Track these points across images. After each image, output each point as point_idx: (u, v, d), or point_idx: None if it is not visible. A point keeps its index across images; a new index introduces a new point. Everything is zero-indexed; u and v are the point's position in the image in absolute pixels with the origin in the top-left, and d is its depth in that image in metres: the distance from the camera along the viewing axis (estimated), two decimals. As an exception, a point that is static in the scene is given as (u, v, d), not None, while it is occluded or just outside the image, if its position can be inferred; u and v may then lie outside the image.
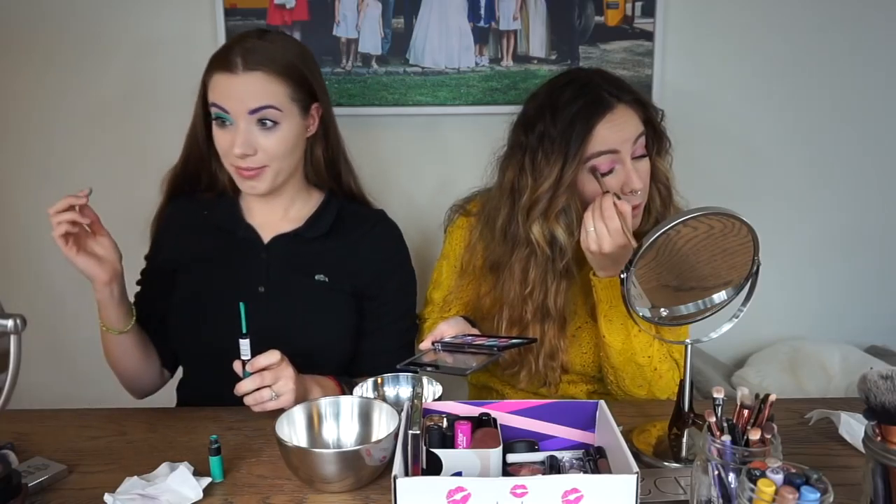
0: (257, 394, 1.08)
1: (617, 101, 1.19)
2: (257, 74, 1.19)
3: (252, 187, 1.24)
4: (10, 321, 0.73)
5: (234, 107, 1.19)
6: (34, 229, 1.92)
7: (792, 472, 0.71)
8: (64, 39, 1.82)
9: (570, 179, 1.17)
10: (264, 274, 1.29)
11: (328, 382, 1.21)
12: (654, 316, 1.08)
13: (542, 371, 1.28)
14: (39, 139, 1.88)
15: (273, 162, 1.22)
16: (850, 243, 1.98)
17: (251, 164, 1.21)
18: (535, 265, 1.23)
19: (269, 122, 1.20)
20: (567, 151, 1.17)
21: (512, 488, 0.80)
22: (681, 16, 1.81)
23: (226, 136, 1.21)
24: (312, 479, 0.96)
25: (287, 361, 1.10)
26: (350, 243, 1.32)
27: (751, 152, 1.92)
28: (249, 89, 1.19)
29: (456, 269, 1.39)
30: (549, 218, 1.20)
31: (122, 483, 0.97)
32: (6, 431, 1.12)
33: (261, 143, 1.20)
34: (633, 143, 1.19)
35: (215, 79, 1.20)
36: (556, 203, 1.19)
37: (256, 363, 1.08)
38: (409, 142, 1.89)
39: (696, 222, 1.00)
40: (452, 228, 1.41)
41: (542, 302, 1.24)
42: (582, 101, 1.18)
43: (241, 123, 1.19)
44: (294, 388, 1.09)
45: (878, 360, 1.86)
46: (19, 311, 0.78)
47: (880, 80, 1.88)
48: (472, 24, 1.80)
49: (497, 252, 1.28)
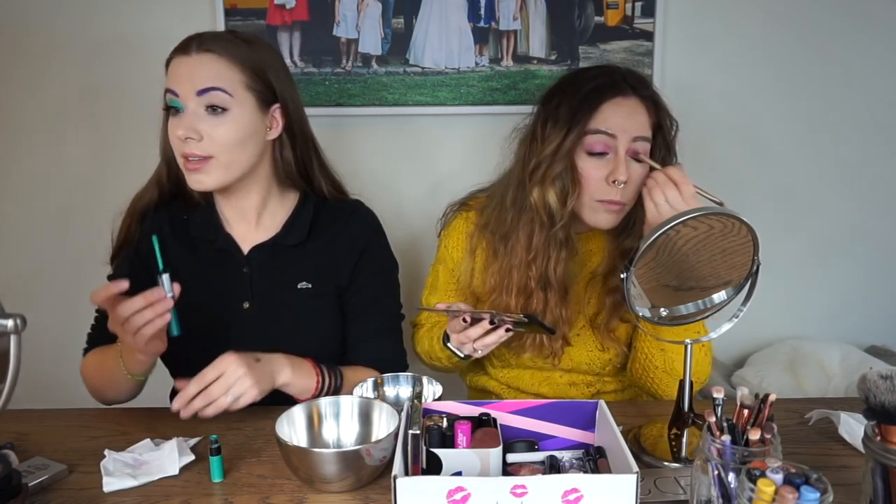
0: (214, 406, 1.05)
1: (632, 92, 1.22)
2: (210, 56, 1.16)
3: (198, 181, 1.18)
4: (10, 321, 0.73)
5: (183, 88, 1.15)
6: (46, 227, 1.92)
7: (792, 471, 0.71)
8: (60, 39, 1.82)
9: (569, 147, 1.21)
10: (248, 289, 1.27)
11: (300, 361, 1.18)
12: (653, 316, 1.08)
13: (545, 342, 1.30)
14: (39, 138, 1.89)
15: (221, 153, 1.17)
16: (850, 243, 1.98)
17: (196, 151, 1.16)
18: (538, 232, 1.25)
19: (218, 109, 1.16)
20: (573, 120, 1.21)
21: (512, 488, 0.80)
22: (681, 16, 1.81)
23: (175, 124, 1.16)
24: (312, 479, 0.96)
25: (237, 361, 1.07)
26: (328, 242, 1.31)
27: (750, 152, 1.92)
28: (200, 70, 1.16)
29: (454, 273, 1.39)
30: (546, 182, 1.23)
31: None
32: (6, 431, 1.12)
33: (207, 130, 1.16)
34: (632, 138, 1.20)
35: (171, 65, 1.18)
36: (554, 168, 1.22)
37: (204, 378, 1.05)
38: (409, 142, 1.89)
39: (696, 222, 1.00)
40: (448, 231, 1.40)
41: (545, 270, 1.26)
42: (600, 80, 1.23)
43: (190, 106, 1.16)
44: (248, 377, 1.06)
45: (877, 360, 1.86)
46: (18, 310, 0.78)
47: (879, 80, 1.88)
48: (472, 24, 1.80)
49: (506, 221, 1.29)
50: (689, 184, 1.14)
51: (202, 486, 1.00)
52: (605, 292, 1.32)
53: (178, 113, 1.17)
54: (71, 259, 1.88)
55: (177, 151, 1.19)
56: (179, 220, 1.30)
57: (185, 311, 1.26)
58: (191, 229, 1.29)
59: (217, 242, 1.28)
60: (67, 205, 1.90)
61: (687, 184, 1.14)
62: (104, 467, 1.01)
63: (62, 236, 1.91)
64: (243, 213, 1.28)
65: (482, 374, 1.45)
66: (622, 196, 1.21)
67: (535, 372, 1.38)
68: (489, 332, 1.13)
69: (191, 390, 1.06)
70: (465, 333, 1.15)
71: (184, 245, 1.29)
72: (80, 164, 1.89)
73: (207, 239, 1.28)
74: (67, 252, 1.90)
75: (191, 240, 1.29)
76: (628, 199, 1.23)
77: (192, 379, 1.06)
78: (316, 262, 1.29)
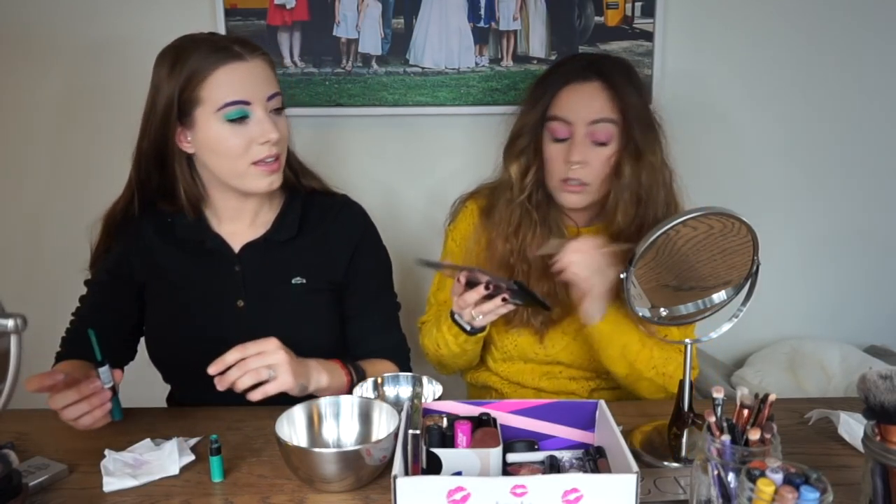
0: (253, 373, 1.04)
1: (595, 77, 1.25)
2: (261, 59, 1.17)
3: (271, 183, 1.19)
4: (10, 321, 0.73)
5: (252, 95, 1.14)
6: (46, 227, 1.92)
7: (791, 471, 0.71)
8: (59, 39, 1.82)
9: (532, 125, 1.29)
10: (241, 287, 1.27)
11: (333, 365, 1.18)
12: (653, 316, 1.08)
13: (530, 319, 1.33)
14: (39, 139, 1.89)
15: (284, 150, 1.21)
16: (850, 243, 1.98)
17: (277, 152, 1.18)
18: (511, 205, 1.32)
19: (279, 108, 1.19)
20: (536, 104, 1.29)
21: (512, 488, 0.80)
22: (680, 16, 1.81)
23: (241, 132, 1.15)
24: (312, 478, 0.96)
25: (279, 345, 1.07)
26: (319, 237, 1.31)
27: (750, 151, 1.92)
28: (261, 74, 1.16)
29: (461, 262, 1.39)
30: (511, 157, 1.32)
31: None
32: (6, 431, 1.12)
33: (281, 130, 1.18)
34: (589, 122, 1.24)
35: (219, 74, 1.13)
36: (520, 142, 1.30)
37: (245, 349, 1.05)
38: (409, 142, 1.89)
39: (696, 222, 1.00)
40: (455, 224, 1.42)
41: (521, 247, 1.31)
42: (568, 66, 1.30)
43: (259, 111, 1.15)
44: (288, 364, 1.06)
45: (877, 359, 1.86)
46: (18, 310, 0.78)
47: (880, 79, 1.88)
48: (472, 24, 1.80)
49: (495, 195, 1.36)
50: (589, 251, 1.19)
51: (202, 486, 1.00)
52: None
53: (242, 121, 1.15)
54: (71, 259, 1.88)
55: (243, 160, 1.16)
56: (164, 224, 1.28)
57: (179, 312, 1.26)
58: (177, 231, 1.27)
59: (206, 243, 1.27)
60: (67, 205, 1.90)
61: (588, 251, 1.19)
62: (104, 467, 1.01)
63: (62, 236, 1.91)
64: (239, 211, 1.27)
65: (483, 370, 1.45)
66: (582, 176, 1.25)
67: (535, 366, 1.38)
68: (485, 297, 1.16)
69: (229, 358, 1.04)
70: (462, 298, 1.18)
71: (172, 247, 1.28)
72: (81, 165, 1.89)
73: (196, 240, 1.27)
74: (67, 252, 1.90)
75: (179, 242, 1.27)
76: (592, 180, 1.27)
77: (232, 349, 1.05)
78: (309, 256, 1.29)
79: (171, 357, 1.30)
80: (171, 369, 1.33)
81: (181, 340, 1.27)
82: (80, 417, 1.02)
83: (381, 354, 1.31)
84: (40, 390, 1.01)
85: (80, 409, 1.02)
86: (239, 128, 1.15)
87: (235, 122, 1.14)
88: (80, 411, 1.02)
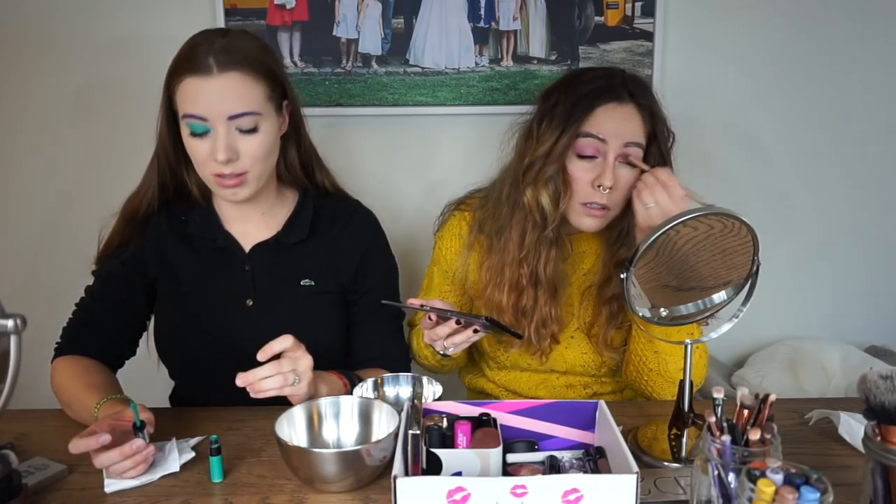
0: (279, 377, 1.01)
1: (629, 99, 1.21)
2: (234, 76, 1.12)
3: (234, 194, 1.18)
4: (10, 321, 0.73)
5: (211, 113, 1.11)
6: (33, 226, 1.92)
7: (792, 472, 0.71)
8: (59, 38, 1.82)
9: (561, 150, 1.21)
10: (251, 287, 1.27)
11: (332, 377, 1.19)
12: (654, 316, 1.08)
13: (533, 340, 1.29)
14: (38, 138, 1.89)
15: (254, 167, 1.17)
16: (850, 243, 1.98)
17: (234, 170, 1.15)
18: (530, 231, 1.26)
19: (249, 128, 1.14)
20: (567, 122, 1.21)
21: (512, 488, 0.80)
22: (681, 16, 1.81)
23: (203, 145, 1.14)
24: (312, 479, 0.96)
25: (300, 344, 1.06)
26: (330, 241, 1.31)
27: (750, 152, 1.92)
28: (227, 93, 1.11)
29: (448, 274, 1.38)
30: (538, 183, 1.23)
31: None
32: (6, 431, 1.12)
33: (242, 148, 1.14)
34: (623, 144, 1.20)
35: (185, 84, 1.12)
36: (546, 170, 1.22)
37: (270, 349, 1.03)
38: (408, 142, 1.89)
39: (696, 222, 1.00)
40: (443, 232, 1.40)
41: (535, 268, 1.27)
42: (598, 84, 1.23)
43: (220, 129, 1.12)
44: (311, 372, 1.05)
45: (877, 360, 1.86)
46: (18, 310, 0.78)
47: (880, 80, 1.88)
48: (472, 24, 1.80)
49: (501, 216, 1.30)
50: (677, 185, 1.14)
51: (202, 486, 1.00)
52: (602, 303, 1.31)
53: (205, 135, 1.14)
54: (71, 258, 1.88)
55: (205, 169, 1.17)
56: (178, 221, 1.30)
57: (189, 309, 1.26)
58: (190, 228, 1.29)
59: (217, 241, 1.28)
60: (66, 204, 1.90)
61: (675, 185, 1.14)
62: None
63: (61, 236, 1.91)
64: (245, 212, 1.28)
65: (480, 377, 1.45)
66: (607, 200, 1.21)
67: (531, 374, 1.38)
68: (456, 331, 1.11)
69: (262, 372, 1.01)
70: (434, 331, 1.13)
71: (184, 245, 1.29)
72: (80, 165, 1.88)
73: (207, 238, 1.28)
74: (67, 251, 1.90)
75: (191, 239, 1.29)
76: (614, 205, 1.23)
77: (261, 350, 1.03)
78: (318, 259, 1.30)
79: (179, 353, 1.30)
80: (179, 365, 1.33)
81: (190, 337, 1.27)
82: (124, 472, 1.01)
83: (383, 362, 1.30)
84: (86, 451, 0.99)
85: (125, 466, 1.00)
86: (200, 140, 1.14)
87: (197, 134, 1.14)
88: (124, 468, 1.00)
